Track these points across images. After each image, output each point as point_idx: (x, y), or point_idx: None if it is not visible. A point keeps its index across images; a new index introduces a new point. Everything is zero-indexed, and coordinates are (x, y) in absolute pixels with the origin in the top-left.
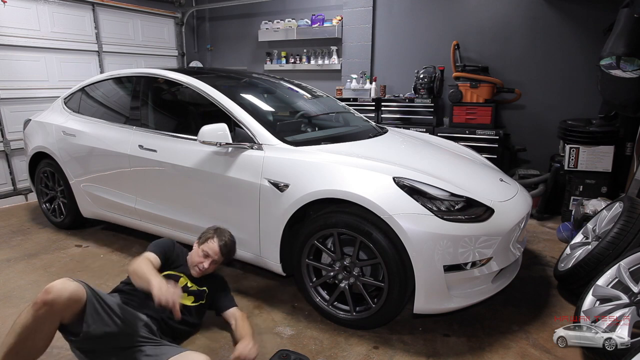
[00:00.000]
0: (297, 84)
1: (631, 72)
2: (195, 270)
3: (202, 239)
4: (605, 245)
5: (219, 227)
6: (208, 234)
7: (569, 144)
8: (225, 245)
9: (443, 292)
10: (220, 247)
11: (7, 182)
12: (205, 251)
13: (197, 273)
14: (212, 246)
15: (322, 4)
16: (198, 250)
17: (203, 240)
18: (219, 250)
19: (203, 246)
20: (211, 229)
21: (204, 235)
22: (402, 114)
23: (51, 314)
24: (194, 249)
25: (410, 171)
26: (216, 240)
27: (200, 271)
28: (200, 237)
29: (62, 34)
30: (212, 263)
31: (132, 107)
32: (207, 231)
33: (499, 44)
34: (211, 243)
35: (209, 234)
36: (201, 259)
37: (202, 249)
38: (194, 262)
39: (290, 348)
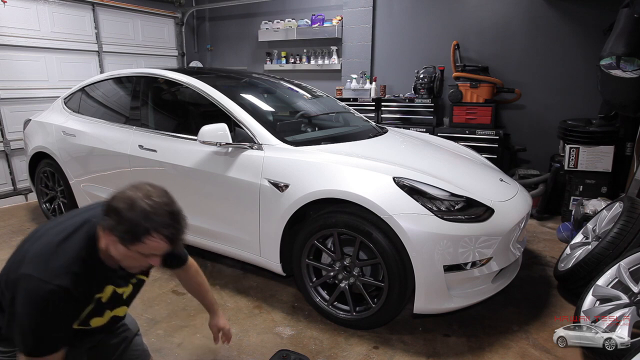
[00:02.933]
0: (297, 84)
1: (631, 72)
2: (136, 270)
3: (127, 235)
4: (605, 245)
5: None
6: (128, 229)
7: (569, 144)
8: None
9: (443, 292)
10: (169, 243)
11: (7, 182)
12: (146, 254)
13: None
14: (152, 246)
15: (322, 4)
16: (128, 252)
17: (131, 240)
18: (168, 245)
19: (137, 248)
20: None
21: (129, 228)
22: (402, 114)
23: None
24: (117, 249)
25: (410, 171)
26: (158, 235)
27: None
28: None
29: (62, 34)
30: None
31: (132, 107)
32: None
33: (499, 44)
34: (151, 242)
35: (139, 226)
36: (143, 260)
37: (136, 250)
38: (134, 266)
39: (290, 348)
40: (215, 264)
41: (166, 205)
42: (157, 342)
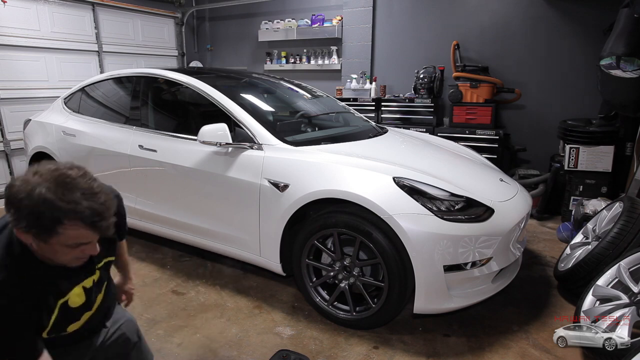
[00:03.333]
0: (297, 84)
1: (631, 72)
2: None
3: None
4: (605, 245)
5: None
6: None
7: (569, 144)
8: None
9: (443, 292)
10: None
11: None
12: (70, 244)
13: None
14: (77, 234)
15: (322, 4)
16: (51, 247)
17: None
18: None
19: (56, 240)
20: (30, 198)
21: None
22: (402, 114)
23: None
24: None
25: (410, 171)
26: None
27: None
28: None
29: (62, 34)
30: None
31: (132, 107)
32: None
33: (499, 44)
34: (68, 230)
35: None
36: (74, 252)
37: (59, 243)
38: (68, 260)
39: (290, 348)
40: (215, 264)
41: (76, 182)
42: (157, 342)
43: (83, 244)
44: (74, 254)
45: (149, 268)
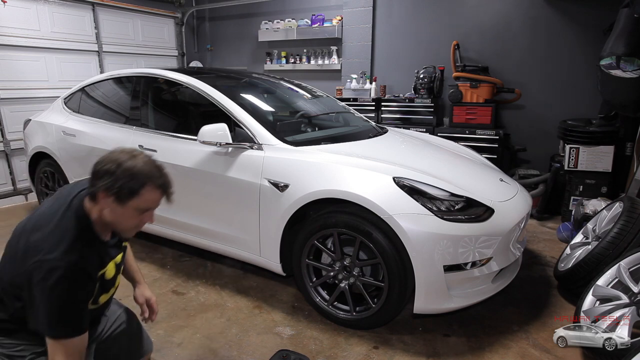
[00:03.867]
0: (297, 84)
1: (631, 72)
2: (131, 233)
3: (119, 193)
4: (605, 245)
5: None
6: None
7: (569, 144)
8: (165, 185)
9: (443, 292)
10: (162, 192)
11: (7, 182)
12: (143, 208)
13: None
14: (148, 198)
15: (322, 4)
16: (126, 210)
17: (129, 195)
18: (161, 195)
19: (134, 203)
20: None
21: (124, 183)
22: (402, 114)
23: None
24: (114, 211)
25: (410, 171)
26: (152, 186)
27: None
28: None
29: (62, 34)
30: (153, 213)
31: (132, 107)
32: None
33: (499, 44)
34: (147, 193)
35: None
36: (139, 218)
37: (133, 207)
38: (130, 227)
39: (290, 348)
40: (215, 264)
41: (149, 159)
42: (157, 342)
43: (150, 209)
44: (137, 221)
45: (149, 268)
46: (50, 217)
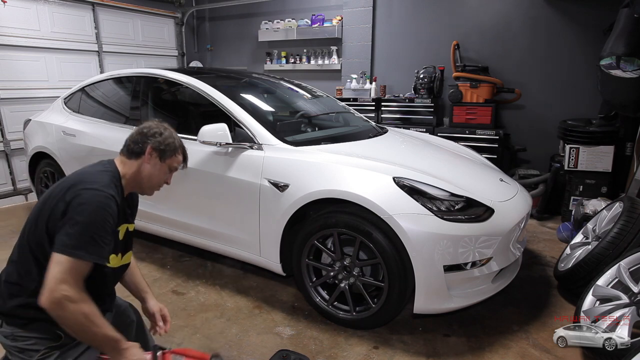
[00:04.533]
0: (297, 84)
1: (631, 72)
2: (153, 190)
3: (164, 151)
4: (605, 245)
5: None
6: (169, 144)
7: (569, 144)
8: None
9: (443, 292)
10: (184, 159)
11: (7, 182)
12: (173, 167)
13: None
14: (179, 159)
15: (322, 4)
16: (162, 166)
17: (167, 152)
18: (183, 159)
19: (170, 161)
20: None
21: (159, 140)
22: (402, 114)
23: None
24: (152, 165)
25: (410, 171)
26: (181, 151)
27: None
28: (156, 144)
29: (62, 34)
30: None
31: (132, 107)
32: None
33: (499, 44)
34: (178, 156)
35: (170, 145)
36: (166, 175)
37: (168, 164)
38: (156, 183)
39: (290, 348)
40: (215, 264)
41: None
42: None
43: (174, 169)
44: (164, 179)
45: (149, 268)
46: (80, 171)
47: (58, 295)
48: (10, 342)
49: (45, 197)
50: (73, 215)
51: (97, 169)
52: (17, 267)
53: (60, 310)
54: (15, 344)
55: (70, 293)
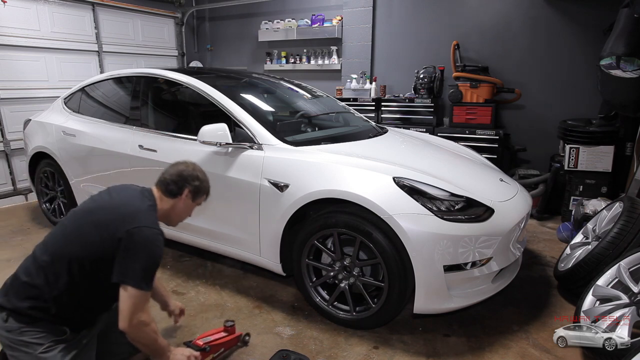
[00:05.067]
0: (297, 84)
1: (631, 72)
2: (178, 223)
3: (195, 191)
4: (605, 245)
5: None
6: (203, 187)
7: (569, 144)
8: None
9: (443, 292)
10: (208, 195)
11: (7, 182)
12: (199, 204)
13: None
14: (204, 198)
15: (322, 4)
16: (191, 205)
17: (199, 194)
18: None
19: (199, 200)
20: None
21: (196, 185)
22: (402, 114)
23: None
24: (185, 204)
25: (410, 171)
26: (208, 191)
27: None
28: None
29: (62, 34)
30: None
31: (132, 107)
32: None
33: (499, 44)
34: (205, 197)
35: (203, 188)
36: (190, 213)
37: (197, 202)
38: (183, 218)
39: (290, 348)
40: (215, 264)
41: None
42: None
43: (197, 205)
44: (190, 214)
45: None
46: (129, 199)
47: (136, 322)
48: (15, 336)
49: (89, 218)
50: (140, 252)
51: (146, 204)
52: (46, 272)
53: (138, 333)
54: (21, 337)
55: (144, 318)
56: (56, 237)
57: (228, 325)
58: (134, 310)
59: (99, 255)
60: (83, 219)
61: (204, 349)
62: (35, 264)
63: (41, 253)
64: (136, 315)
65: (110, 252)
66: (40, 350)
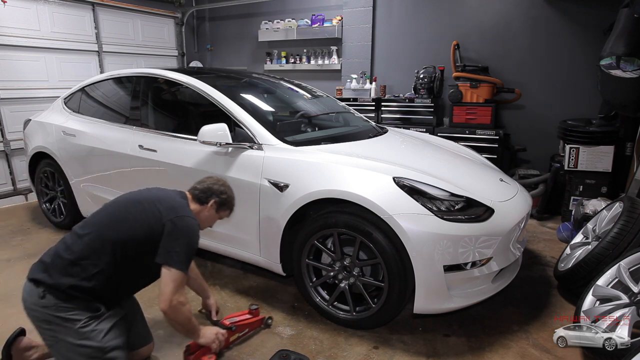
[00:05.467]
0: (297, 84)
1: (631, 72)
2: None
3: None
4: (605, 245)
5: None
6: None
7: (569, 144)
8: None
9: (443, 292)
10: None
11: (7, 182)
12: (222, 217)
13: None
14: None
15: (322, 4)
16: (215, 216)
17: (223, 207)
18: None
19: (222, 214)
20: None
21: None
22: (402, 114)
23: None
24: (209, 213)
25: (410, 171)
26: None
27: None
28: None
29: (62, 34)
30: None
31: (132, 107)
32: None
33: (499, 44)
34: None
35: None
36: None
37: (219, 215)
38: (205, 226)
39: (290, 348)
40: (215, 264)
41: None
42: (157, 342)
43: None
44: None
45: None
46: (170, 195)
47: (175, 302)
48: (52, 312)
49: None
50: (182, 237)
51: (184, 202)
52: (90, 252)
53: (176, 313)
54: (58, 313)
55: (182, 299)
56: (102, 220)
57: (253, 309)
58: (174, 291)
59: (142, 239)
60: (130, 206)
61: (230, 328)
62: (79, 243)
63: (85, 233)
64: (175, 296)
65: (153, 237)
66: (79, 325)
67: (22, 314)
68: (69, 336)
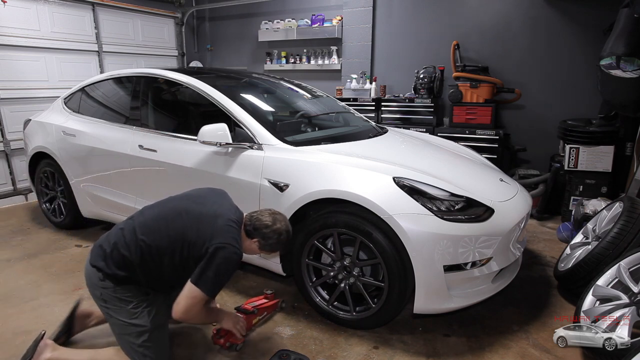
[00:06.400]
0: (297, 84)
1: (631, 72)
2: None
3: (262, 245)
4: (605, 245)
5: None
6: (271, 245)
7: (569, 144)
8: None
9: (443, 292)
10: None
11: (7, 182)
12: (264, 256)
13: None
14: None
15: (322, 4)
16: (256, 251)
17: (266, 249)
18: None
19: (263, 252)
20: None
21: (268, 243)
22: (402, 114)
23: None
24: (251, 247)
25: (410, 171)
26: (275, 252)
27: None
28: (262, 242)
29: (62, 34)
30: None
31: (132, 107)
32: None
33: (499, 44)
34: (270, 254)
35: (270, 247)
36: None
37: (261, 251)
38: (246, 252)
39: (290, 348)
40: None
41: (289, 232)
42: None
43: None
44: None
45: None
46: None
47: (188, 317)
48: (110, 293)
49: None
50: (218, 267)
51: (236, 228)
52: (143, 254)
53: (187, 320)
54: (115, 294)
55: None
56: (160, 228)
57: (268, 293)
58: (190, 307)
59: (189, 256)
60: (189, 222)
61: (252, 311)
62: (135, 243)
63: (142, 235)
64: (191, 312)
65: (197, 256)
66: (130, 306)
67: (22, 314)
68: (120, 315)
